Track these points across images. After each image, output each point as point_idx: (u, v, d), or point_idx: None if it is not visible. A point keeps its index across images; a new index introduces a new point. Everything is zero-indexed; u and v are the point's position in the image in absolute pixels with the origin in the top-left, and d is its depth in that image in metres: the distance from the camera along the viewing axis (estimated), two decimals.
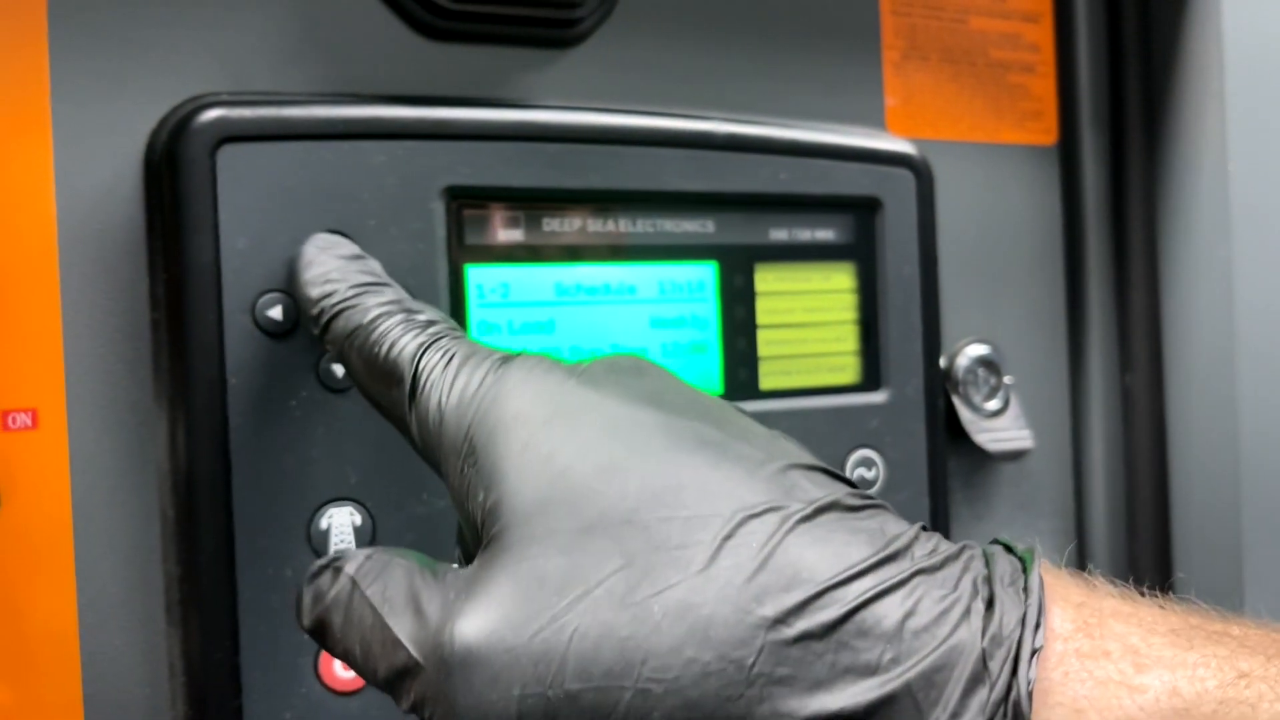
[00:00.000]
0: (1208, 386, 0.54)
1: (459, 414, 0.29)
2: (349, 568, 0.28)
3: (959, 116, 0.54)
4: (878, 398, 0.48)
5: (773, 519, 0.24)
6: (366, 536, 0.38)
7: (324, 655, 0.37)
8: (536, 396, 0.28)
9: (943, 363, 0.52)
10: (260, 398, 0.37)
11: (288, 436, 0.37)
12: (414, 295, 0.38)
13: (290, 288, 0.36)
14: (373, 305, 0.33)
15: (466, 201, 0.41)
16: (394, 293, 0.33)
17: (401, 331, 0.32)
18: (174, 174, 0.36)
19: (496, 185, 0.41)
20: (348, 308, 0.33)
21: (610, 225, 0.44)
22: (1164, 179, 0.56)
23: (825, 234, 0.48)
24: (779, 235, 0.47)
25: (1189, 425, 0.55)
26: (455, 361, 0.30)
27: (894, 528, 0.25)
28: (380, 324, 0.32)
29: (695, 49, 0.48)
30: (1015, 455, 0.52)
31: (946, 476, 0.50)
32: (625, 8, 0.46)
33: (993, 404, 0.53)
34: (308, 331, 0.37)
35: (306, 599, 0.29)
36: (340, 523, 0.38)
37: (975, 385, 0.53)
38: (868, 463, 0.48)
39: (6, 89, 0.36)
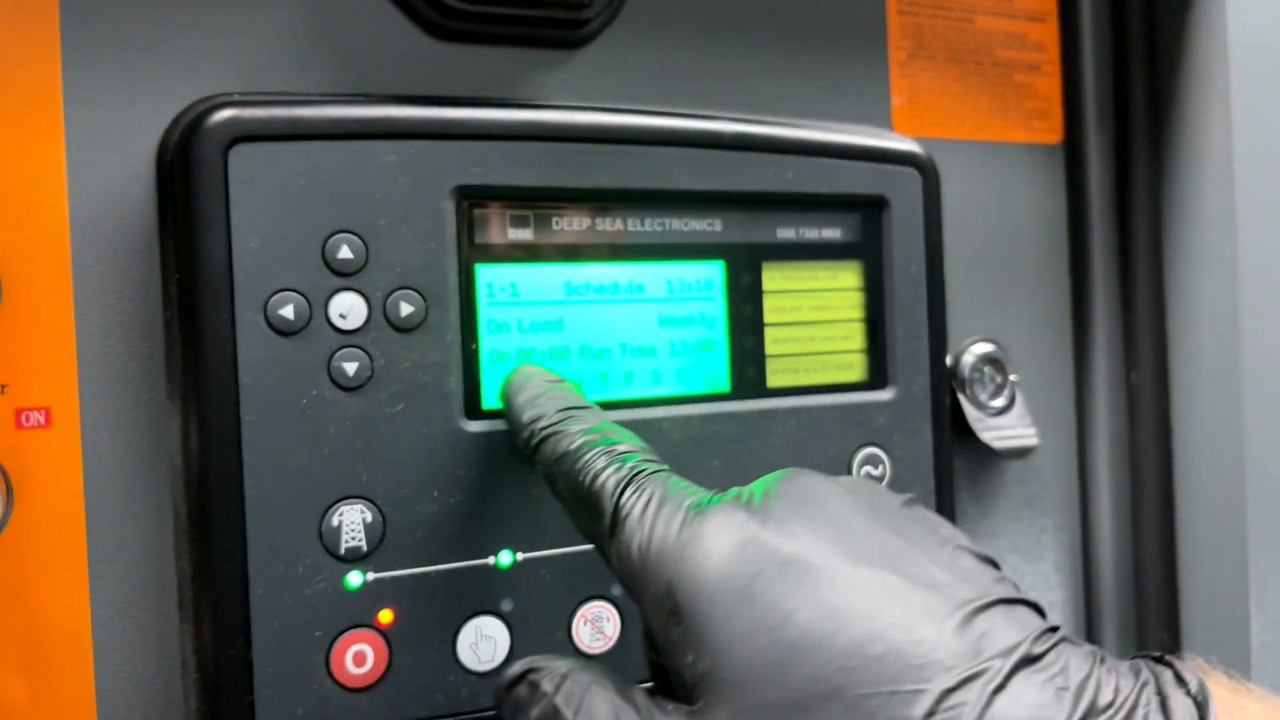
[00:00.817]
0: (1213, 384, 0.54)
1: (659, 565, 0.30)
2: (547, 684, 0.31)
3: (965, 116, 0.54)
4: (884, 395, 0.49)
5: (972, 691, 0.26)
6: (377, 534, 0.38)
7: (335, 651, 0.38)
8: (734, 556, 0.29)
9: (948, 361, 0.52)
10: (272, 396, 0.37)
11: (299, 434, 0.37)
12: (424, 295, 0.39)
13: (505, 412, 0.38)
14: (577, 432, 0.34)
15: (476, 201, 0.41)
16: (594, 416, 0.36)
17: (604, 464, 0.33)
18: (186, 174, 0.36)
19: (506, 184, 0.41)
20: (554, 432, 0.35)
21: (618, 224, 0.44)
22: (1169, 177, 0.56)
23: (832, 233, 0.48)
24: (786, 234, 0.47)
25: (1194, 423, 0.55)
26: (653, 506, 0.31)
27: (1076, 669, 0.27)
28: (584, 454, 0.34)
29: (702, 49, 0.48)
30: (1021, 453, 0.52)
31: (953, 474, 0.50)
32: (633, 8, 0.46)
33: (998, 401, 0.53)
34: (322, 333, 0.37)
35: (505, 711, 0.32)
36: (351, 520, 0.38)
37: (981, 383, 0.53)
38: (874, 460, 0.48)
39: (19, 90, 0.36)
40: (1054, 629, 0.28)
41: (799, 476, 0.32)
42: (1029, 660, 0.26)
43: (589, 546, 0.41)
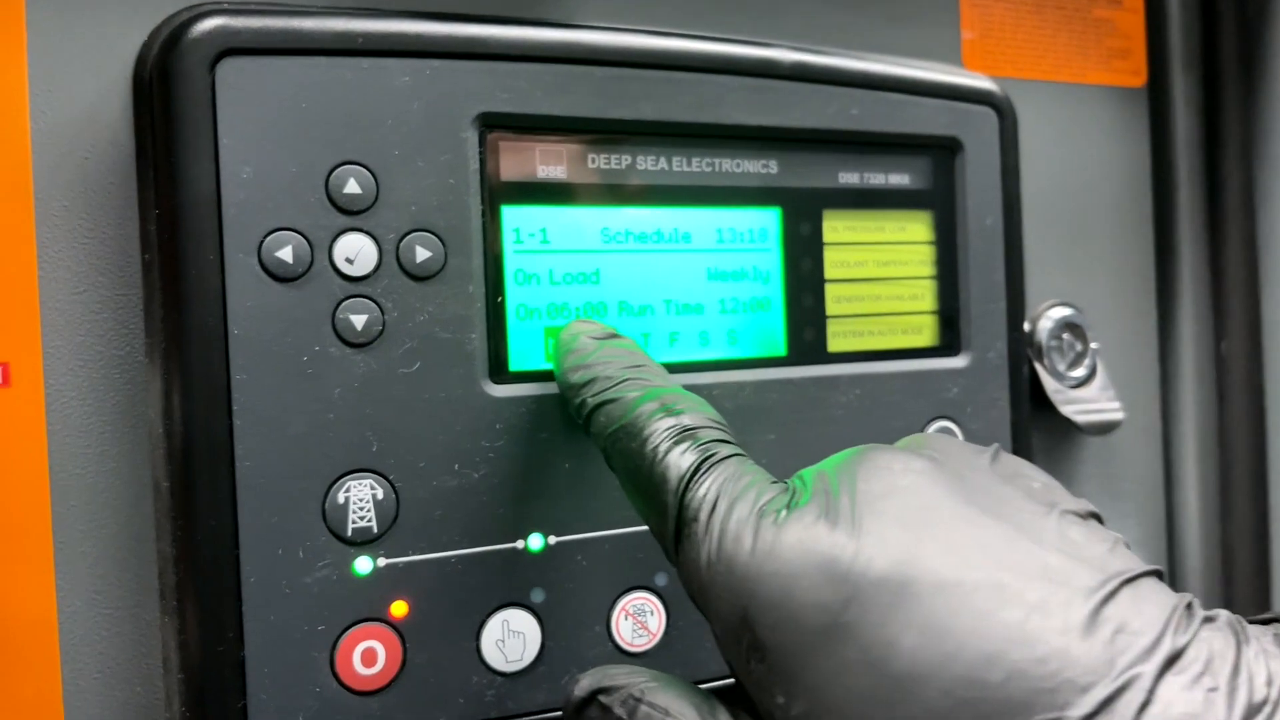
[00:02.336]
0: None
1: (730, 589, 0.26)
2: (620, 709, 0.27)
3: (1041, 54, 0.49)
4: (957, 362, 0.43)
5: (1115, 715, 0.22)
6: (389, 512, 0.33)
7: (341, 648, 0.33)
8: (820, 582, 0.24)
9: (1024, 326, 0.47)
10: (267, 352, 0.32)
11: (299, 397, 0.32)
12: (442, 238, 0.34)
13: (555, 366, 0.34)
14: (634, 399, 0.30)
15: (502, 132, 0.36)
16: (657, 378, 0.32)
17: (667, 445, 0.29)
18: (167, 92, 0.31)
19: (536, 114, 0.36)
20: (609, 399, 0.31)
21: (663, 163, 0.38)
22: (1261, 125, 0.51)
23: (900, 178, 0.43)
24: (849, 178, 0.42)
25: None
26: (721, 510, 0.27)
27: (1221, 658, 0.23)
28: (644, 429, 0.29)
29: None
30: (1105, 428, 0.47)
31: (1031, 453, 0.45)
32: None
33: (1077, 372, 0.48)
34: (325, 280, 0.32)
35: None
36: (359, 497, 0.33)
37: (1059, 351, 0.48)
38: (942, 435, 0.43)
39: None
40: (1188, 606, 0.24)
41: (874, 459, 0.28)
42: (1171, 659, 0.23)
43: (630, 529, 0.36)
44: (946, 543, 0.24)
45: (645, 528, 0.37)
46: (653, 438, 0.29)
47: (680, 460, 0.28)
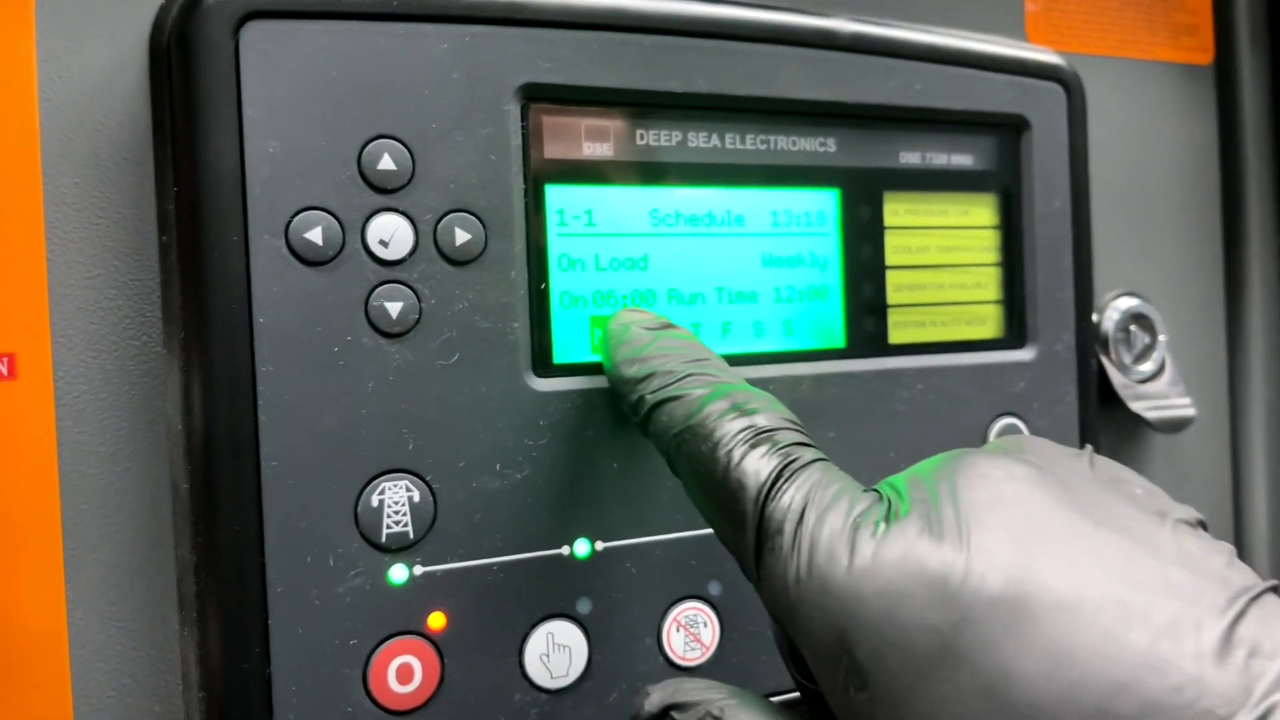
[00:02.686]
0: None
1: (826, 610, 0.23)
2: None
3: (1106, 28, 0.46)
4: (1023, 355, 0.41)
5: None
6: (426, 516, 0.31)
7: (375, 663, 0.30)
8: (929, 602, 0.22)
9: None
10: (295, 342, 0.29)
11: (330, 391, 0.30)
12: (482, 220, 0.31)
13: (606, 359, 0.31)
14: (700, 396, 0.28)
15: (547, 104, 0.33)
16: (722, 373, 0.29)
17: (742, 448, 0.26)
18: (187, 60, 0.29)
19: (582, 85, 0.33)
20: (672, 396, 0.28)
21: (715, 140, 0.36)
22: None
23: (963, 159, 0.40)
24: (910, 159, 0.39)
25: None
26: (810, 522, 0.24)
27: None
28: (716, 430, 0.27)
29: None
30: (1177, 425, 0.44)
31: (1100, 452, 0.42)
32: None
33: (1145, 366, 0.45)
34: (358, 264, 0.29)
35: None
36: (395, 499, 0.31)
37: (1126, 344, 0.45)
38: (1012, 433, 0.40)
39: None
40: None
41: (973, 465, 0.25)
42: None
43: (683, 534, 0.34)
44: (1062, 557, 0.22)
45: (698, 532, 0.34)
46: (725, 440, 0.26)
47: (759, 466, 0.25)
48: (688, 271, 0.36)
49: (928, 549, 0.22)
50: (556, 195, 0.33)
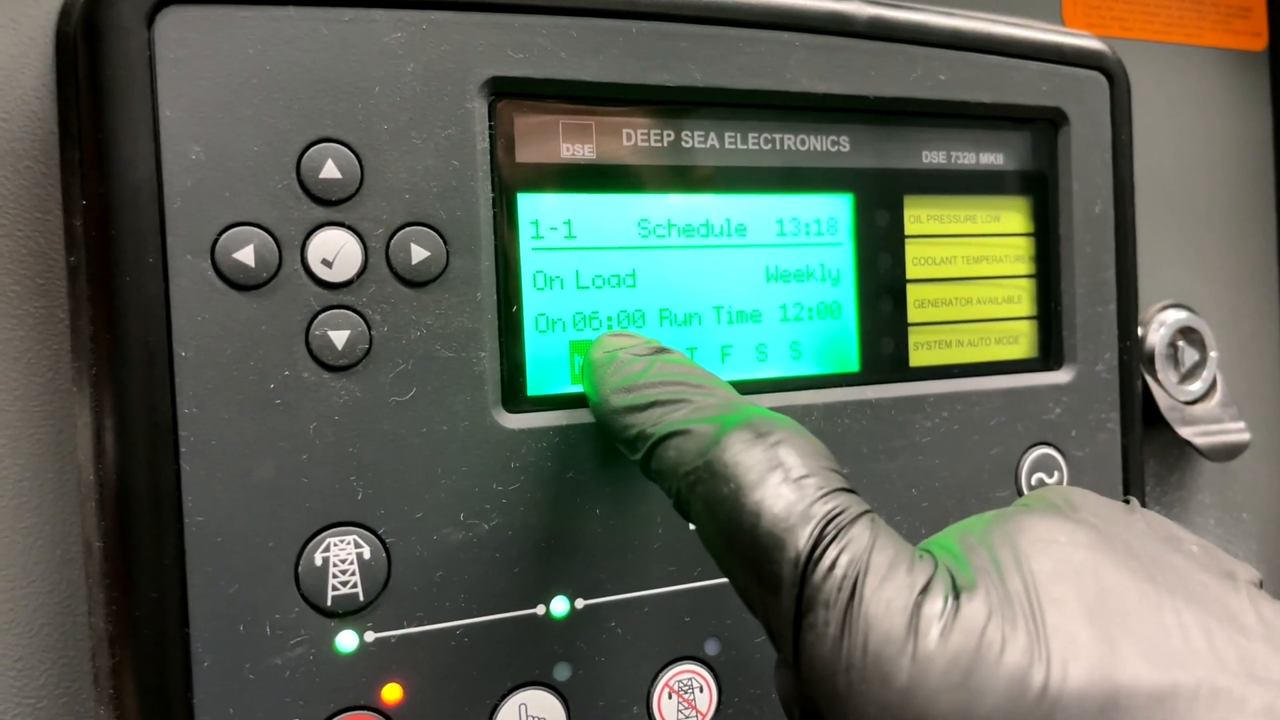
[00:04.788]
0: None
1: (886, 703, 0.20)
2: None
3: (1152, 11, 0.41)
4: (1060, 378, 0.36)
5: None
6: (379, 575, 0.27)
7: None
8: (1010, 697, 0.19)
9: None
10: (225, 378, 0.25)
11: (265, 434, 0.26)
12: (443, 234, 0.27)
13: (591, 393, 0.27)
14: (715, 431, 0.24)
15: (518, 101, 0.29)
16: (727, 396, 0.25)
17: (773, 495, 0.22)
18: (94, 53, 0.25)
19: (560, 78, 0.29)
20: (678, 430, 0.24)
21: (713, 140, 0.32)
22: None
23: (993, 157, 0.36)
24: (934, 158, 0.35)
25: None
26: (867, 594, 0.21)
27: None
28: (737, 471, 0.23)
29: None
30: (1230, 452, 0.40)
31: (1145, 484, 0.38)
32: None
33: (1194, 386, 0.41)
34: (297, 288, 0.25)
35: None
36: (342, 557, 0.27)
37: (1172, 361, 0.40)
38: (1047, 466, 0.36)
39: None
40: None
41: (1033, 528, 0.22)
42: None
43: (675, 588, 0.30)
44: (1146, 640, 0.20)
45: (692, 585, 0.30)
46: (751, 484, 0.22)
47: (797, 520, 0.22)
48: (682, 289, 0.31)
49: (1004, 635, 0.20)
50: (530, 204, 0.29)
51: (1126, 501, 0.26)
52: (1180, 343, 0.40)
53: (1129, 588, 0.21)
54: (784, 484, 0.22)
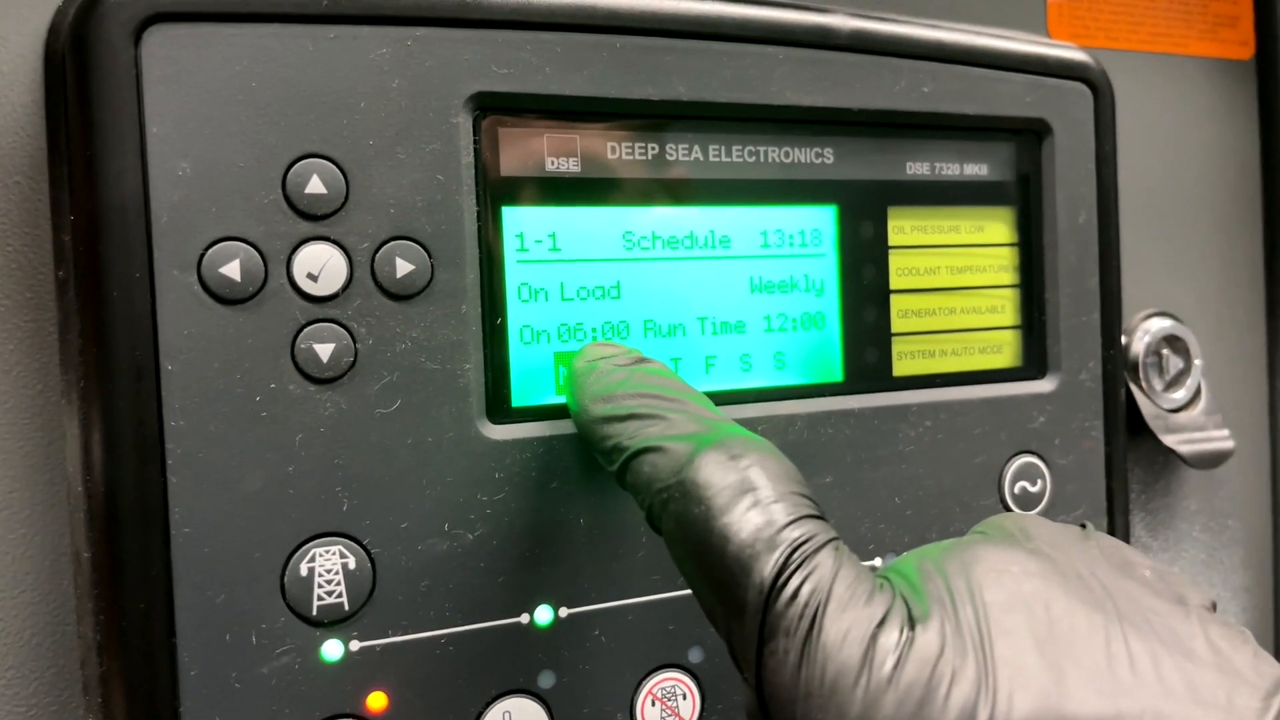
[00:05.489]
0: None
1: None
2: None
3: (1137, 20, 0.42)
4: (1044, 387, 0.37)
5: None
6: (364, 584, 0.27)
7: None
8: None
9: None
10: (211, 391, 0.26)
11: (251, 446, 0.26)
12: (428, 248, 0.28)
13: (572, 403, 0.27)
14: (690, 450, 0.24)
15: (503, 116, 0.29)
16: (703, 411, 0.26)
17: (740, 518, 0.22)
18: (82, 69, 0.25)
19: (544, 93, 0.29)
20: (653, 446, 0.25)
21: (697, 153, 0.32)
22: None
23: (977, 169, 0.36)
24: (918, 169, 0.35)
25: None
26: (828, 627, 0.21)
27: None
28: (708, 493, 0.23)
29: None
30: (1214, 460, 0.40)
31: (1128, 492, 0.38)
32: None
33: (1178, 394, 0.41)
34: (283, 301, 0.26)
35: None
36: (327, 567, 0.27)
37: (1157, 369, 0.41)
38: (1031, 474, 0.36)
39: None
40: None
41: (987, 558, 0.23)
42: None
43: (657, 596, 0.30)
44: (1093, 668, 0.20)
45: (675, 594, 0.31)
46: (721, 507, 0.23)
47: (763, 546, 0.22)
48: (666, 300, 0.32)
49: (953, 668, 0.20)
50: (515, 217, 0.30)
51: (1083, 527, 0.26)
52: (1165, 351, 0.41)
53: (1078, 617, 0.21)
54: (753, 509, 0.22)
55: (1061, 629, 0.21)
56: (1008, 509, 0.36)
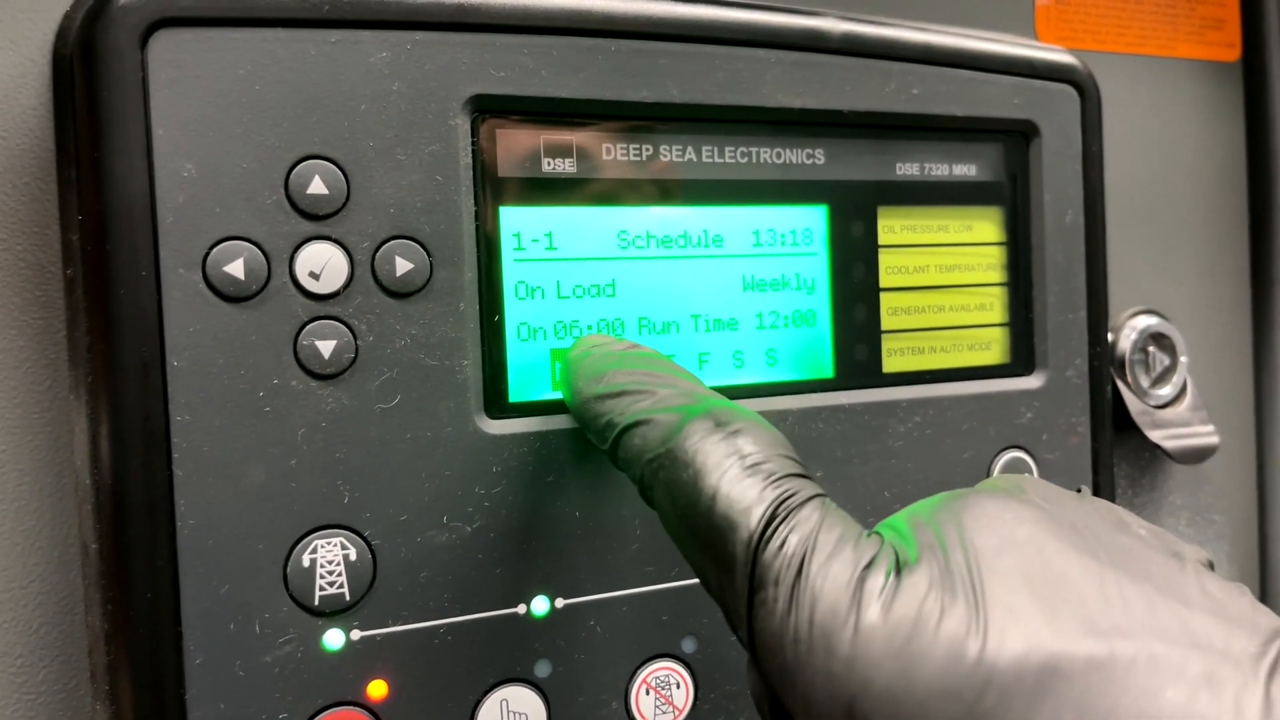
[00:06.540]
0: None
1: (831, 673, 0.21)
2: None
3: (1125, 23, 0.42)
4: (1031, 383, 0.37)
5: None
6: (365, 575, 0.28)
7: None
8: (949, 666, 0.20)
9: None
10: (216, 386, 0.26)
11: (255, 440, 0.27)
12: (427, 247, 0.28)
13: (566, 390, 0.28)
14: (675, 419, 0.25)
15: (500, 118, 0.30)
16: (698, 392, 0.26)
17: (730, 480, 0.23)
18: (90, 73, 0.26)
19: (541, 95, 0.30)
20: (644, 419, 0.25)
21: (691, 154, 0.33)
22: None
23: (965, 169, 0.37)
24: (908, 170, 0.36)
25: None
26: (813, 572, 0.22)
27: None
28: (696, 457, 0.24)
29: None
30: (1199, 455, 0.41)
31: (1114, 487, 0.39)
32: None
33: (1164, 390, 0.42)
34: (285, 299, 0.26)
35: None
36: (329, 558, 0.28)
37: (1144, 366, 0.41)
38: (1018, 469, 0.37)
39: None
40: None
41: (979, 506, 0.23)
42: None
43: (652, 587, 0.31)
44: (1086, 609, 0.20)
45: (669, 585, 0.32)
46: (709, 469, 0.23)
47: (750, 502, 0.23)
48: (660, 298, 0.32)
49: (942, 605, 0.20)
50: (512, 217, 0.30)
51: (1078, 491, 0.27)
52: (1151, 348, 0.41)
53: (1071, 560, 0.21)
54: (740, 469, 0.23)
55: (1054, 571, 0.21)
56: None
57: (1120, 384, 0.41)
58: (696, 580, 0.32)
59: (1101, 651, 0.20)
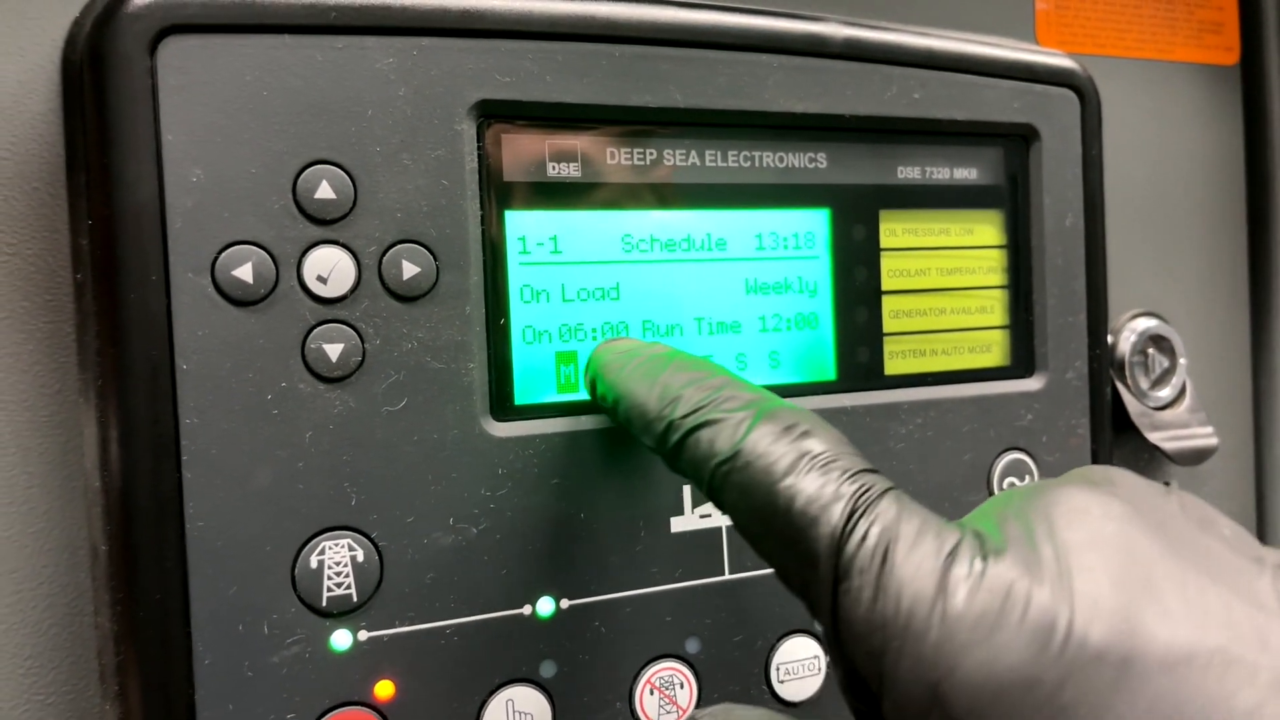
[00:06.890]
0: None
1: (919, 657, 0.21)
2: None
3: (1124, 27, 0.42)
4: (1031, 385, 0.38)
5: None
6: (372, 577, 0.28)
7: None
8: (1033, 654, 0.20)
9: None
10: (224, 389, 0.27)
11: (263, 443, 0.27)
12: (433, 251, 0.29)
13: (608, 392, 0.28)
14: (744, 421, 0.25)
15: (505, 123, 0.30)
16: (750, 389, 0.26)
17: (804, 477, 0.24)
18: (99, 79, 0.26)
19: (546, 101, 0.30)
20: (707, 422, 0.25)
21: (694, 158, 0.33)
22: None
23: (966, 173, 0.37)
24: (909, 174, 0.36)
25: None
26: (898, 559, 0.22)
27: None
28: (767, 457, 0.24)
29: None
30: (1198, 456, 0.41)
31: None
32: None
33: (1163, 392, 0.42)
34: (293, 303, 0.27)
35: None
36: (336, 560, 0.28)
37: (1143, 368, 0.42)
38: (1019, 470, 0.37)
39: None
40: None
41: (1067, 499, 0.23)
42: None
43: (656, 588, 0.31)
44: (1167, 608, 0.21)
45: (673, 586, 0.32)
46: (783, 469, 0.24)
47: (828, 499, 0.23)
48: (664, 301, 0.33)
49: (1030, 594, 0.21)
50: (517, 221, 0.31)
51: (1166, 484, 0.27)
52: (1151, 350, 0.42)
53: (1155, 560, 0.21)
54: (813, 469, 0.23)
55: (1139, 569, 0.21)
56: None
57: (1120, 386, 0.41)
58: (700, 581, 0.32)
59: (1181, 651, 0.20)
